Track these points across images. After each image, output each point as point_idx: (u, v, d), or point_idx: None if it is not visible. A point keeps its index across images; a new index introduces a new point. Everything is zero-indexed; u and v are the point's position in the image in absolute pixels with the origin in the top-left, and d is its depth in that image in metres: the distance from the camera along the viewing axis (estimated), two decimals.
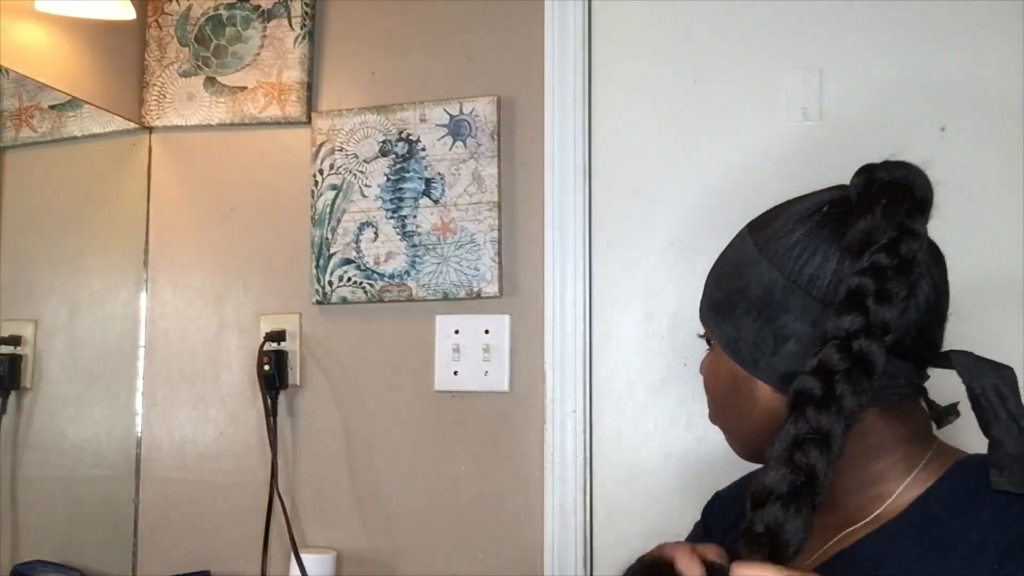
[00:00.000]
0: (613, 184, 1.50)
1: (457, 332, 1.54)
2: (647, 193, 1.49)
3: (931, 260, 0.78)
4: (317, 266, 1.62)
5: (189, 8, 1.74)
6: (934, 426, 0.81)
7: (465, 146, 1.54)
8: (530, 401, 1.50)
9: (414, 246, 1.56)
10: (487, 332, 1.53)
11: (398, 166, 1.58)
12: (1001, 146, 1.34)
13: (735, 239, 0.84)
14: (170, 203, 1.76)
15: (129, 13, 1.63)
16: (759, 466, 0.90)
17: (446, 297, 1.54)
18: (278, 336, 1.63)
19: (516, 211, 1.54)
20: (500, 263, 1.52)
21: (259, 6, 1.70)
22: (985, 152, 1.34)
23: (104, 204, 1.75)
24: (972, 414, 0.76)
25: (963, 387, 0.77)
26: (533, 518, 1.48)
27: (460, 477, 1.54)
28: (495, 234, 1.52)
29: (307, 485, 1.63)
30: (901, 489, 0.76)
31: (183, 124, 1.73)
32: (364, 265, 1.59)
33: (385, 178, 1.59)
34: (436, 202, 1.55)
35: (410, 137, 1.58)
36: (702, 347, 1.54)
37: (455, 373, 1.54)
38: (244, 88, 1.69)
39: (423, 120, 1.57)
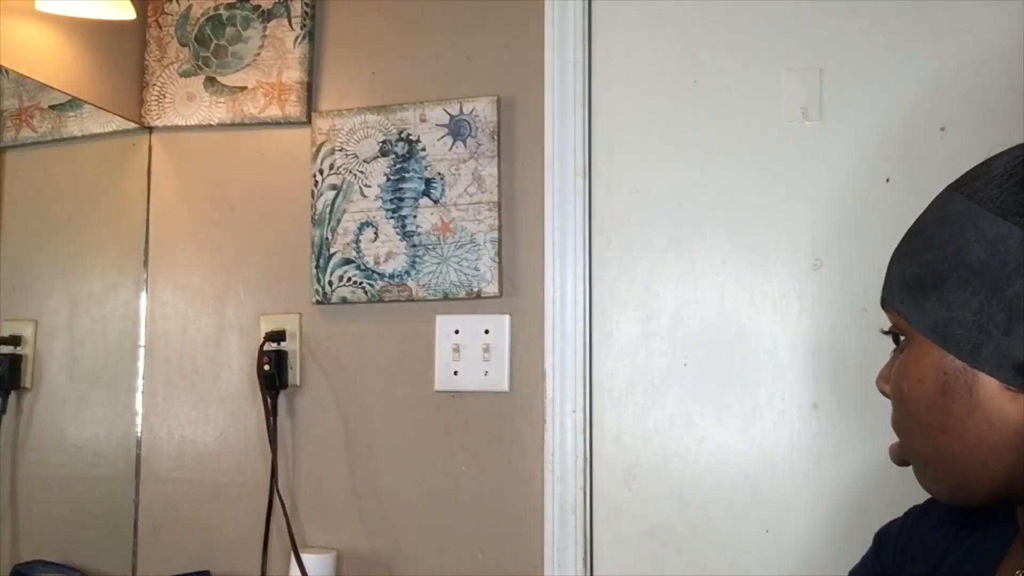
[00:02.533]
0: (613, 184, 1.50)
1: (457, 332, 1.54)
2: (647, 193, 1.49)
3: None
4: (317, 266, 1.62)
5: (189, 8, 1.74)
6: None
7: (465, 146, 1.54)
8: (530, 401, 1.50)
9: (414, 246, 1.56)
10: (487, 332, 1.53)
11: (398, 166, 1.58)
12: (1001, 146, 1.33)
13: (933, 203, 0.69)
14: (170, 203, 1.76)
15: (129, 13, 1.63)
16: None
17: (446, 297, 1.54)
18: (278, 336, 1.63)
19: (516, 211, 1.54)
20: (500, 263, 1.52)
21: (259, 6, 1.70)
22: (985, 152, 1.33)
23: (104, 204, 1.75)
24: None
25: None
26: (533, 518, 1.48)
27: (460, 477, 1.54)
28: (495, 234, 1.52)
29: (307, 485, 1.63)
30: None
31: (183, 124, 1.73)
32: (364, 265, 1.59)
33: (385, 178, 1.59)
34: (436, 202, 1.55)
35: (410, 137, 1.58)
36: (702, 347, 1.54)
37: (455, 373, 1.54)
38: (244, 88, 1.69)
39: (423, 120, 1.57)
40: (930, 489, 0.70)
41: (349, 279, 1.60)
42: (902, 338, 0.69)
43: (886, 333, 0.71)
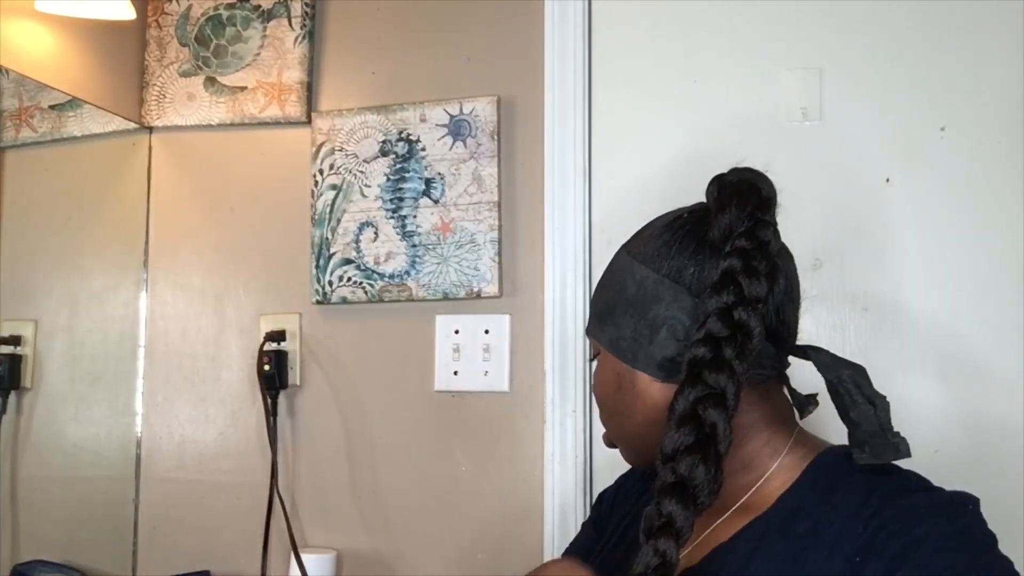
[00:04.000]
0: (613, 184, 1.50)
1: (457, 332, 1.54)
2: (647, 193, 1.48)
3: (784, 252, 0.87)
4: (317, 266, 1.62)
5: (189, 8, 1.74)
6: (796, 415, 0.89)
7: (465, 146, 1.54)
8: (530, 401, 1.50)
9: (414, 246, 1.56)
10: (487, 332, 1.53)
11: (398, 166, 1.58)
12: (1001, 146, 1.34)
13: (612, 258, 0.92)
14: (170, 203, 1.76)
15: (129, 13, 1.63)
16: None
17: (446, 297, 1.54)
18: (278, 336, 1.63)
19: (516, 211, 1.54)
20: (500, 263, 1.52)
21: (259, 6, 1.70)
22: (985, 152, 1.34)
23: (104, 204, 1.75)
24: (827, 416, 0.84)
25: (817, 389, 0.87)
26: (533, 518, 1.48)
27: (460, 477, 1.54)
28: (495, 234, 1.52)
29: (307, 485, 1.63)
30: (769, 474, 0.83)
31: (183, 124, 1.74)
32: (364, 265, 1.59)
33: (385, 178, 1.59)
34: (436, 202, 1.55)
35: (410, 137, 1.58)
36: None
37: (455, 373, 1.54)
38: (244, 88, 1.70)
39: (423, 120, 1.57)
40: (629, 461, 0.94)
41: (349, 279, 1.60)
42: (598, 355, 0.92)
43: (591, 360, 0.95)
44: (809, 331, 1.39)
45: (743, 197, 0.83)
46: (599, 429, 1.51)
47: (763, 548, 0.78)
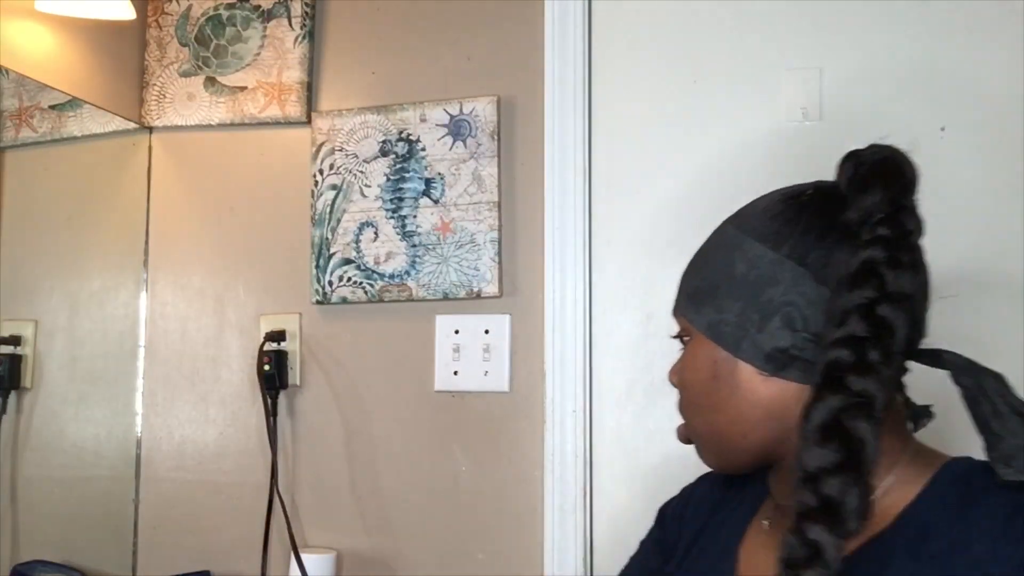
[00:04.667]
0: (613, 184, 1.50)
1: (457, 332, 1.54)
2: (647, 193, 1.49)
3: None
4: (317, 266, 1.62)
5: (189, 8, 1.74)
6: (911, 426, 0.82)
7: (465, 146, 1.54)
8: (530, 401, 1.50)
9: (414, 246, 1.56)
10: (487, 332, 1.53)
11: (398, 166, 1.58)
12: (1001, 146, 1.34)
13: (712, 234, 0.85)
14: (170, 203, 1.76)
15: (129, 13, 1.63)
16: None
17: (446, 297, 1.54)
18: (278, 336, 1.63)
19: (516, 211, 1.54)
20: (500, 263, 1.52)
21: (259, 6, 1.70)
22: (985, 152, 1.34)
23: (104, 204, 1.75)
24: (934, 423, 0.80)
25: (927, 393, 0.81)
26: (533, 518, 1.48)
27: (460, 477, 1.54)
28: (495, 234, 1.52)
29: (307, 485, 1.63)
30: (885, 488, 0.74)
31: (183, 124, 1.74)
32: (364, 265, 1.59)
33: (385, 178, 1.59)
34: (436, 202, 1.55)
35: (410, 137, 1.58)
36: None
37: (455, 373, 1.54)
38: (244, 88, 1.70)
39: (423, 120, 1.57)
40: (707, 462, 0.85)
41: (349, 279, 1.60)
42: (686, 339, 0.84)
43: (674, 337, 0.85)
44: None
45: (888, 179, 0.74)
46: (599, 429, 1.52)
47: (891, 572, 0.70)
